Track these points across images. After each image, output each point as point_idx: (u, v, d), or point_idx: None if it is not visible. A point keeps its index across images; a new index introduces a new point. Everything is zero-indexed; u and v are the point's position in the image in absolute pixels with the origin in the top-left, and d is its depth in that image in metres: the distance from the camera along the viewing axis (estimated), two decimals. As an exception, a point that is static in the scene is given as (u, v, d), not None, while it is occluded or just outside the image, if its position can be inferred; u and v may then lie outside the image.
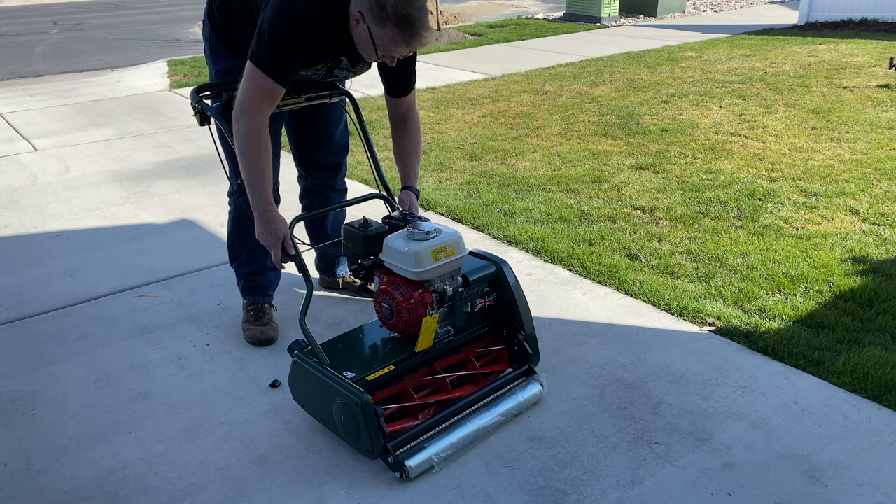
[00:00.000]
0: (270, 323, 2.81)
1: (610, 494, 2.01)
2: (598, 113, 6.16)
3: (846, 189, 4.15)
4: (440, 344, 2.28)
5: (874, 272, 3.19)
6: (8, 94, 7.80)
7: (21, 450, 2.27)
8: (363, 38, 2.07)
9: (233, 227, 2.81)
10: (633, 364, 2.60)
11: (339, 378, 2.05)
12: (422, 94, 7.24)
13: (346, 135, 2.87)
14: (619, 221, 3.85)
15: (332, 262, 3.10)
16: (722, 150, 4.97)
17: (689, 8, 13.66)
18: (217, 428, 2.34)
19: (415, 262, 2.07)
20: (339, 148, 2.86)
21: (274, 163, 2.46)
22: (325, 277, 3.17)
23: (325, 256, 3.07)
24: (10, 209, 4.39)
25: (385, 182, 2.48)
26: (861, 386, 2.41)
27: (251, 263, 2.81)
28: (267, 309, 2.84)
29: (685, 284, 3.14)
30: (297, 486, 2.07)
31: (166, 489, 2.08)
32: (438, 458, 2.10)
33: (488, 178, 4.65)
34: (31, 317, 3.09)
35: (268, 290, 2.88)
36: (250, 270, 2.82)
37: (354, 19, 2.06)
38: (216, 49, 2.56)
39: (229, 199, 2.79)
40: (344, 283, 3.14)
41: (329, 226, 3.02)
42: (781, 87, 6.68)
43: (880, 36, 9.34)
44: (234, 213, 2.78)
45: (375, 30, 2.02)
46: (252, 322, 2.80)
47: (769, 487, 2.01)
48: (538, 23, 12.50)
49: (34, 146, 5.73)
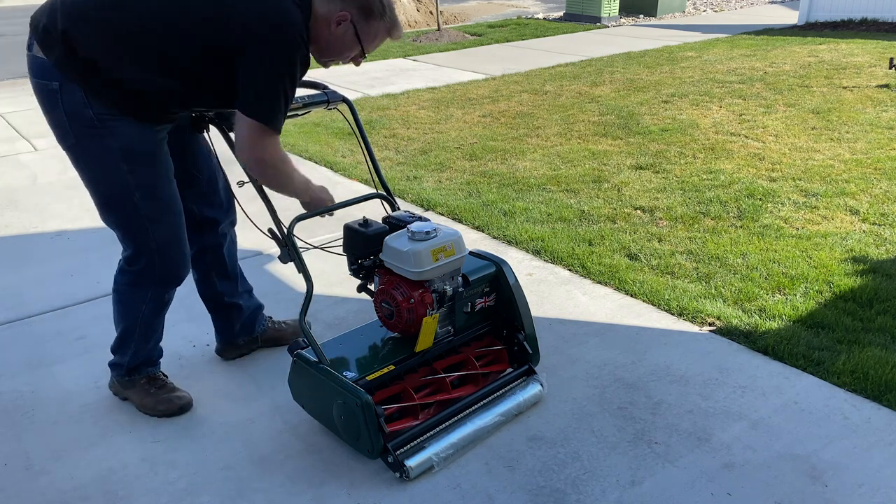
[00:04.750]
0: (177, 389, 2.46)
1: (610, 494, 2.01)
2: (598, 113, 6.16)
3: (846, 189, 4.15)
4: (440, 344, 2.28)
5: (874, 272, 3.19)
6: (8, 94, 7.80)
7: (21, 450, 2.27)
8: (346, 38, 2.03)
9: (125, 312, 2.34)
10: (633, 364, 2.60)
11: (340, 378, 2.05)
12: (422, 93, 7.24)
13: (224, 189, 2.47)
14: (619, 221, 3.85)
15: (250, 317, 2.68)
16: (722, 150, 4.97)
17: (689, 8, 13.65)
18: (217, 428, 2.34)
19: (415, 262, 2.06)
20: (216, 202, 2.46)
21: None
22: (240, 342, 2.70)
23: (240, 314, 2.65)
24: (10, 209, 4.39)
25: (384, 182, 2.47)
26: (861, 386, 2.41)
27: (146, 348, 2.42)
28: (163, 377, 2.49)
29: (685, 284, 3.14)
30: (297, 486, 2.07)
31: (166, 489, 2.08)
32: (438, 458, 2.10)
33: (488, 178, 4.65)
34: (31, 317, 3.09)
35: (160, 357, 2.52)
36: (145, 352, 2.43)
37: (336, 21, 2.00)
38: (106, 116, 1.99)
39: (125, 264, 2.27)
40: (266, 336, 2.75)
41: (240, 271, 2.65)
42: (781, 87, 6.68)
43: (880, 36, 9.34)
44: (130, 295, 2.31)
45: (365, 26, 2.02)
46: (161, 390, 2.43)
47: (769, 487, 2.01)
48: (538, 23, 12.49)
49: (34, 146, 5.73)
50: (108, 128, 2.01)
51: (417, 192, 4.39)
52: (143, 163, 2.09)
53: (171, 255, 2.23)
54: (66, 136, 2.04)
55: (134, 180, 2.08)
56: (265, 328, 2.76)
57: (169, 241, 2.21)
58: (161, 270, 2.24)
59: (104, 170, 2.07)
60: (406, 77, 8.18)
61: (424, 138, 5.66)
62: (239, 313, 2.65)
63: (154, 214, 2.15)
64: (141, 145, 2.07)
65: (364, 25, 2.02)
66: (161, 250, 2.20)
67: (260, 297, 2.76)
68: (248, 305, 2.68)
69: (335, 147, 5.48)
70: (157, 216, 2.16)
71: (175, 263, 2.25)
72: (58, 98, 1.98)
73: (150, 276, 2.25)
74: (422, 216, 2.27)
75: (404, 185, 4.56)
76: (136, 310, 2.32)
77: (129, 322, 2.35)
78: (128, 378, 2.42)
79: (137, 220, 2.14)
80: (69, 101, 1.98)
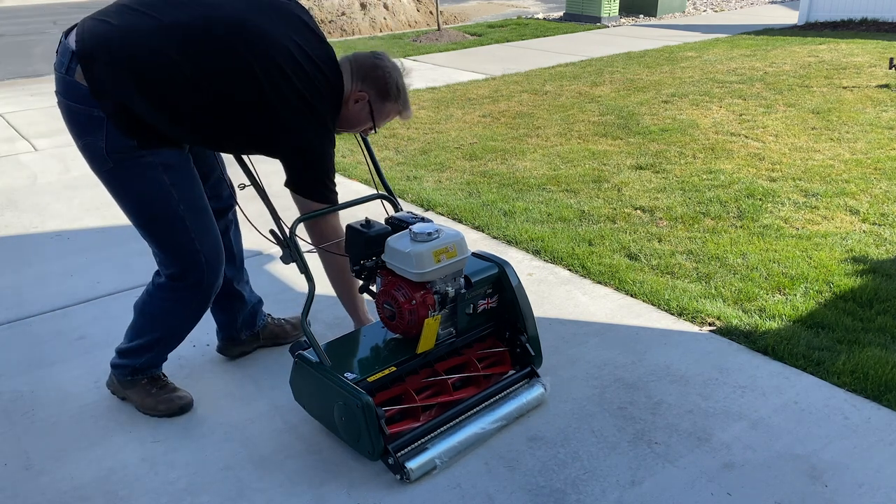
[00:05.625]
0: (177, 388, 2.47)
1: (610, 494, 2.01)
2: (598, 113, 6.16)
3: (846, 189, 4.15)
4: (442, 345, 2.28)
5: (874, 272, 3.19)
6: (8, 94, 7.80)
7: (21, 450, 2.27)
8: (361, 114, 2.22)
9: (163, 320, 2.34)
10: (633, 364, 2.60)
11: (340, 379, 2.05)
12: (422, 93, 7.24)
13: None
14: (619, 221, 3.86)
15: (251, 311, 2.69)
16: (722, 150, 4.97)
17: (689, 8, 13.65)
18: (217, 428, 2.34)
19: (416, 263, 2.06)
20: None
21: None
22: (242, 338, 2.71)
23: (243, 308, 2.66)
24: (10, 209, 4.39)
25: (386, 183, 2.48)
26: (861, 386, 2.41)
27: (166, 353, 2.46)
28: (163, 377, 2.49)
29: (685, 284, 3.15)
30: (297, 486, 2.07)
31: (166, 489, 2.08)
32: (439, 461, 2.10)
33: (488, 178, 4.65)
34: (31, 317, 3.09)
35: (165, 359, 2.51)
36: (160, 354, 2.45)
37: (354, 99, 2.18)
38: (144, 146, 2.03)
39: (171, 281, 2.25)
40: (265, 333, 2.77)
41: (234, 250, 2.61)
42: (781, 87, 6.68)
43: (880, 36, 9.34)
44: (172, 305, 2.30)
45: (380, 105, 2.22)
46: (162, 390, 2.44)
47: (769, 487, 2.01)
48: (538, 23, 12.49)
49: (34, 146, 5.73)
50: (149, 152, 2.04)
51: (417, 192, 4.39)
52: (182, 176, 2.13)
53: (217, 263, 2.26)
54: (104, 162, 2.04)
55: (177, 193, 2.11)
56: (265, 323, 2.76)
57: (215, 250, 2.24)
58: (209, 280, 2.25)
59: (149, 187, 2.08)
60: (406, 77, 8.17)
61: (424, 138, 5.66)
62: (242, 305, 2.65)
63: (199, 225, 2.18)
64: (179, 160, 2.12)
65: (379, 105, 2.21)
66: (209, 261, 2.22)
67: (261, 297, 2.76)
68: (251, 298, 2.69)
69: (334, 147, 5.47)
70: (202, 225, 2.19)
71: (220, 270, 2.29)
72: (102, 126, 1.97)
73: (200, 286, 2.25)
74: (424, 217, 2.28)
75: (404, 185, 4.56)
76: (179, 320, 2.35)
77: (165, 332, 2.37)
78: (129, 378, 2.42)
79: (185, 234, 2.15)
80: (113, 130, 1.97)
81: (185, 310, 2.33)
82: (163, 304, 2.31)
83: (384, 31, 12.57)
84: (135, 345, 2.38)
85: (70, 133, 2.05)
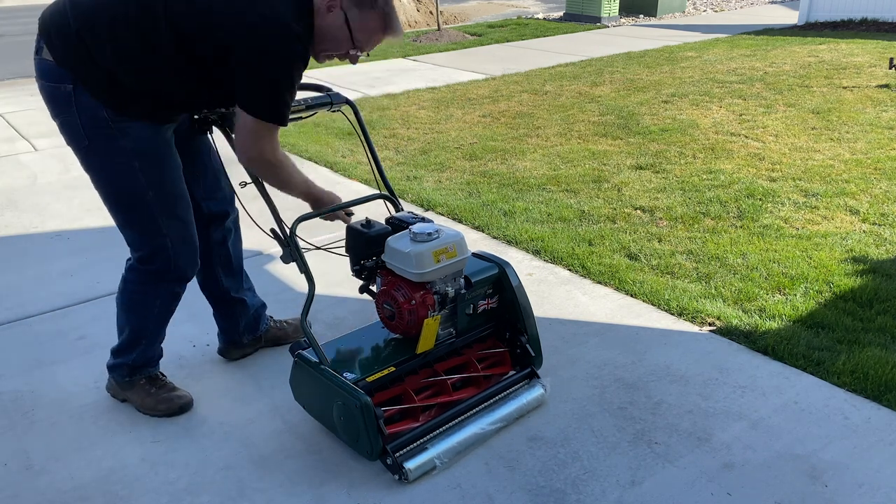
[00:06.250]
0: (177, 388, 2.47)
1: (610, 494, 2.01)
2: (598, 113, 6.16)
3: (846, 189, 4.15)
4: (442, 346, 2.28)
5: (874, 272, 3.19)
6: (8, 94, 7.79)
7: (21, 450, 2.27)
8: (335, 27, 1.97)
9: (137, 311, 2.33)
10: (633, 364, 2.60)
11: (339, 379, 2.05)
12: (422, 94, 7.24)
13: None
14: (619, 221, 3.85)
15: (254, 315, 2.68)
16: (722, 150, 4.97)
17: (689, 8, 13.65)
18: (217, 428, 2.34)
19: (416, 263, 2.06)
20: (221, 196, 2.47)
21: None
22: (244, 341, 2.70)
23: (245, 313, 2.65)
24: (10, 209, 4.39)
25: (387, 183, 2.47)
26: (861, 386, 2.41)
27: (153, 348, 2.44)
28: (162, 376, 2.48)
29: (685, 284, 3.14)
30: (297, 486, 2.07)
31: (166, 489, 2.08)
32: (439, 461, 2.10)
33: (488, 178, 4.65)
34: (31, 317, 3.09)
35: (160, 357, 2.50)
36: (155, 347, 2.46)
37: (327, 7, 1.94)
38: (118, 118, 2.01)
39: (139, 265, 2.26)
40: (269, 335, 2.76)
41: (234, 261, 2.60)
42: (781, 87, 6.68)
43: (880, 36, 9.34)
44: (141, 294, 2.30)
45: (357, 15, 1.95)
46: (161, 390, 2.43)
47: (769, 487, 2.01)
48: (538, 23, 12.49)
49: (34, 146, 5.73)
50: (120, 129, 2.02)
51: (417, 192, 4.39)
52: (154, 162, 2.11)
53: (185, 251, 2.25)
54: (80, 139, 2.05)
55: (146, 178, 2.10)
56: (268, 327, 2.76)
57: (183, 237, 2.23)
58: (176, 267, 2.25)
59: (117, 169, 2.08)
60: (406, 77, 8.18)
61: (424, 138, 5.66)
62: (244, 310, 2.64)
63: (167, 211, 2.17)
64: (152, 145, 2.09)
65: (355, 13, 1.96)
66: (175, 247, 2.21)
67: (261, 296, 2.76)
68: (253, 303, 2.68)
69: (335, 147, 5.48)
70: (171, 213, 2.18)
71: (190, 259, 2.28)
72: (72, 100, 1.98)
73: (166, 274, 2.26)
74: (424, 217, 2.27)
75: (404, 184, 4.56)
76: (149, 310, 2.33)
77: (139, 323, 2.36)
78: (127, 379, 2.42)
79: (152, 219, 2.16)
80: (83, 102, 1.98)
81: (153, 299, 2.31)
82: (133, 294, 2.32)
83: (384, 31, 12.55)
84: (122, 342, 2.39)
85: (50, 115, 2.07)
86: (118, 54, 1.94)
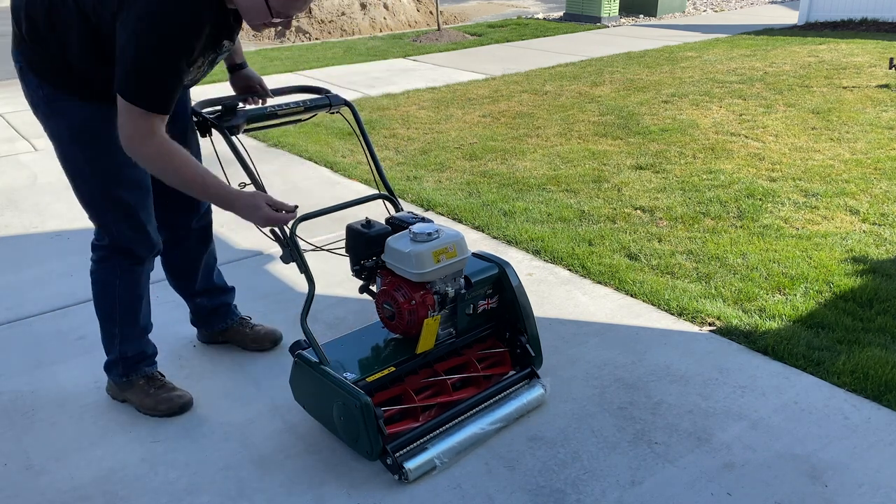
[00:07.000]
0: (176, 388, 2.46)
1: (610, 494, 2.01)
2: (598, 113, 6.16)
3: (846, 189, 4.15)
4: (442, 346, 2.28)
5: (874, 272, 3.19)
6: (8, 94, 7.79)
7: (21, 450, 2.27)
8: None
9: (101, 292, 2.33)
10: (633, 364, 2.60)
11: (339, 379, 2.05)
12: (422, 93, 7.24)
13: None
14: (619, 221, 3.86)
15: (209, 314, 2.72)
16: (722, 150, 4.97)
17: (689, 8, 13.65)
18: (217, 428, 2.34)
19: (416, 263, 2.06)
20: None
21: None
22: (203, 332, 2.78)
23: (200, 310, 2.71)
24: (10, 209, 4.39)
25: (387, 183, 2.47)
26: (861, 386, 2.41)
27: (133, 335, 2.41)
28: (160, 376, 2.48)
29: (685, 284, 3.15)
30: (297, 486, 2.07)
31: (166, 489, 2.08)
32: (439, 461, 2.10)
33: (488, 178, 4.65)
34: (31, 317, 3.09)
35: (155, 354, 2.51)
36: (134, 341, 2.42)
37: None
38: (55, 99, 2.02)
39: (95, 241, 2.30)
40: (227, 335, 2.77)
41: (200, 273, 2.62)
42: (781, 87, 6.68)
43: (880, 36, 9.34)
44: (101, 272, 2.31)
45: None
46: (160, 389, 2.43)
47: (769, 487, 2.01)
48: (538, 23, 12.49)
49: (34, 146, 5.73)
50: (57, 109, 2.07)
51: (417, 192, 4.39)
52: (91, 142, 2.09)
53: (130, 234, 2.24)
54: (37, 114, 2.13)
55: (84, 157, 2.12)
56: (227, 327, 2.75)
57: (128, 222, 2.22)
58: (124, 248, 2.26)
59: (62, 148, 2.14)
60: (406, 77, 8.18)
61: (424, 138, 5.66)
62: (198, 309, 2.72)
63: (105, 192, 2.17)
64: (90, 124, 2.07)
65: None
66: (119, 228, 2.23)
67: (260, 297, 2.76)
68: (212, 302, 2.71)
69: (335, 147, 5.48)
70: (108, 194, 2.17)
71: (138, 242, 2.26)
72: (24, 79, 2.07)
73: (116, 251, 2.27)
74: (424, 217, 2.27)
75: (404, 185, 4.56)
76: (111, 290, 2.33)
77: (108, 305, 2.35)
78: (125, 379, 2.41)
79: (93, 196, 2.20)
80: (27, 81, 2.06)
81: (113, 279, 2.30)
82: (94, 274, 2.33)
83: (384, 32, 12.57)
84: (102, 334, 2.40)
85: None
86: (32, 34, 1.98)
